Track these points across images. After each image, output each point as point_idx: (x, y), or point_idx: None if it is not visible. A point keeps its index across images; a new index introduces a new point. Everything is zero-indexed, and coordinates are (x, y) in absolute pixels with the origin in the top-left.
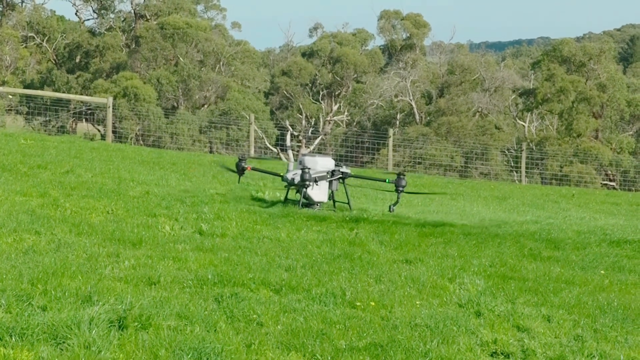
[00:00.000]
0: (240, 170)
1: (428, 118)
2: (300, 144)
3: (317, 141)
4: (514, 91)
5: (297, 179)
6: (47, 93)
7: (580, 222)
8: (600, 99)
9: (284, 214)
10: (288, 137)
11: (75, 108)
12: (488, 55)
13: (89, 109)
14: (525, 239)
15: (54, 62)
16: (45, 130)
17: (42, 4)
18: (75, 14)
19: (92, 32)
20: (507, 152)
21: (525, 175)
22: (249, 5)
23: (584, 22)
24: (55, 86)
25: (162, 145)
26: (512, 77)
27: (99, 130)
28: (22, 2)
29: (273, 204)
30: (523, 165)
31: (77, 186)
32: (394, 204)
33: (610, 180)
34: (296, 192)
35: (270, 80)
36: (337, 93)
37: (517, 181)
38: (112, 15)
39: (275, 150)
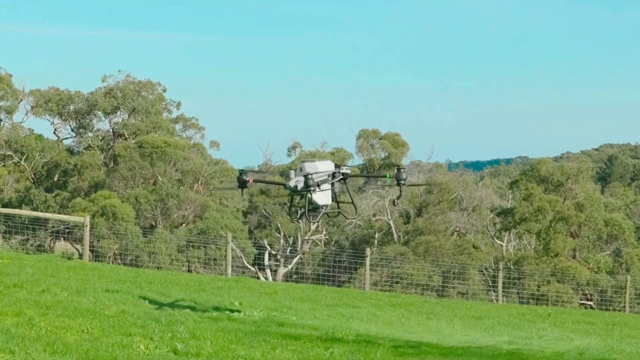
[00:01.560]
0: (242, 184)
1: (406, 237)
2: (278, 263)
3: (295, 260)
4: (492, 210)
5: (301, 186)
6: (25, 212)
7: (555, 342)
8: (577, 218)
9: (259, 332)
10: (266, 257)
11: (53, 227)
12: (466, 174)
13: (67, 228)
14: (501, 359)
15: (32, 180)
16: (23, 249)
17: (21, 122)
18: (54, 132)
19: (70, 151)
20: (485, 271)
21: (503, 295)
22: (228, 124)
23: (562, 142)
24: (33, 205)
25: (140, 264)
26: (490, 196)
27: (77, 249)
28: (0, 120)
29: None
30: (500, 284)
31: (53, 305)
32: (398, 198)
33: (588, 300)
34: (300, 199)
35: (248, 199)
36: None
37: (494, 300)
38: (90, 134)
39: (253, 269)
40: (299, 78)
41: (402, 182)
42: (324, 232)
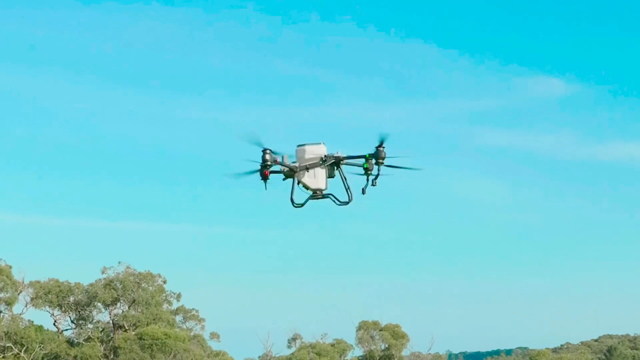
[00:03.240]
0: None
1: None
2: None
3: None
4: None
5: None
6: None
7: None
8: None
9: None
10: None
11: None
12: None
13: None
14: None
15: None
16: None
17: (20, 314)
18: (54, 324)
19: (70, 342)
20: None
21: None
22: (228, 314)
23: (562, 333)
24: None
25: None
26: None
27: None
28: (0, 312)
29: None
30: None
31: None
32: (375, 178)
33: None
34: (297, 183)
35: None
36: None
37: None
38: (90, 326)
39: None
40: (298, 268)
41: (381, 160)
42: None
